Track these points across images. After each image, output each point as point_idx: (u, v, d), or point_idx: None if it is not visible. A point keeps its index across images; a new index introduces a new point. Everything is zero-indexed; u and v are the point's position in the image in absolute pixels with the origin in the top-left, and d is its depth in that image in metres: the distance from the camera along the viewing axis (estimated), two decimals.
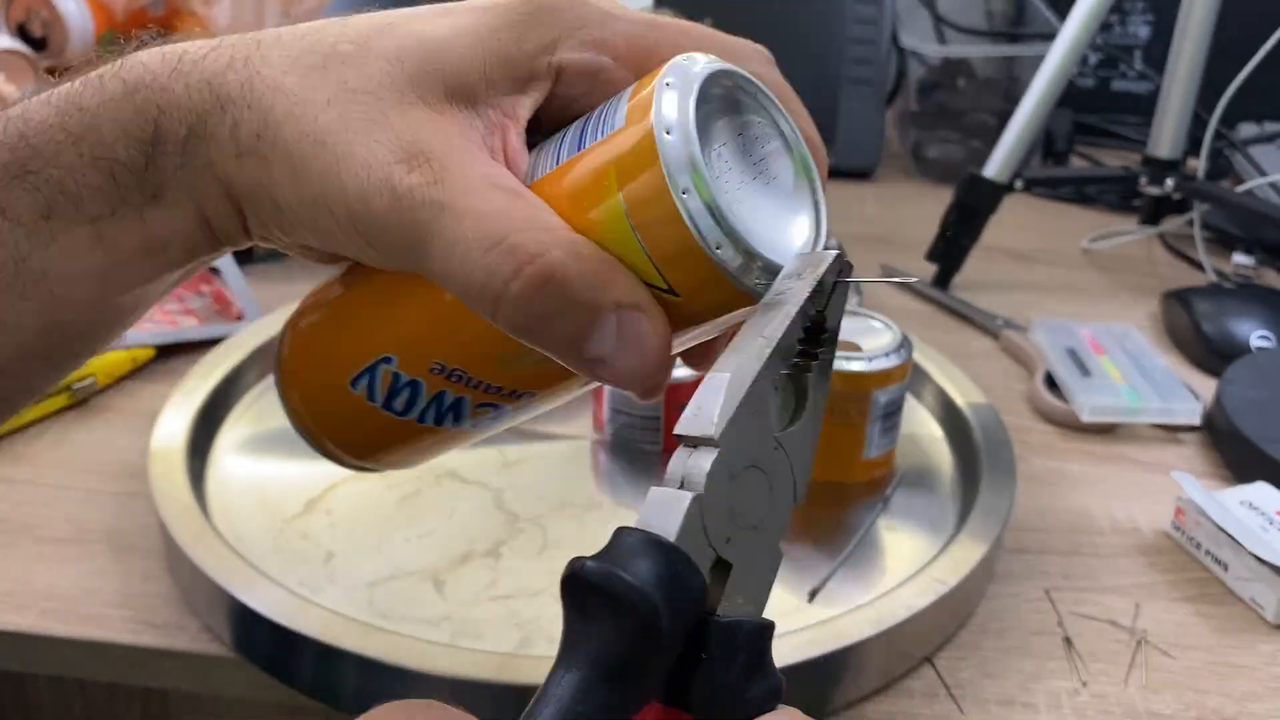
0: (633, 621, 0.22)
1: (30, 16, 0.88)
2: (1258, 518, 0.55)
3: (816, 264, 0.26)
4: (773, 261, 0.27)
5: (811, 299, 0.26)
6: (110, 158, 0.29)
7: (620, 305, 0.27)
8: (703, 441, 0.24)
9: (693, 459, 0.24)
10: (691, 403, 0.24)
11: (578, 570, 0.22)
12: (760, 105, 0.29)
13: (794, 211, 0.29)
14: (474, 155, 0.28)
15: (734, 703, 0.23)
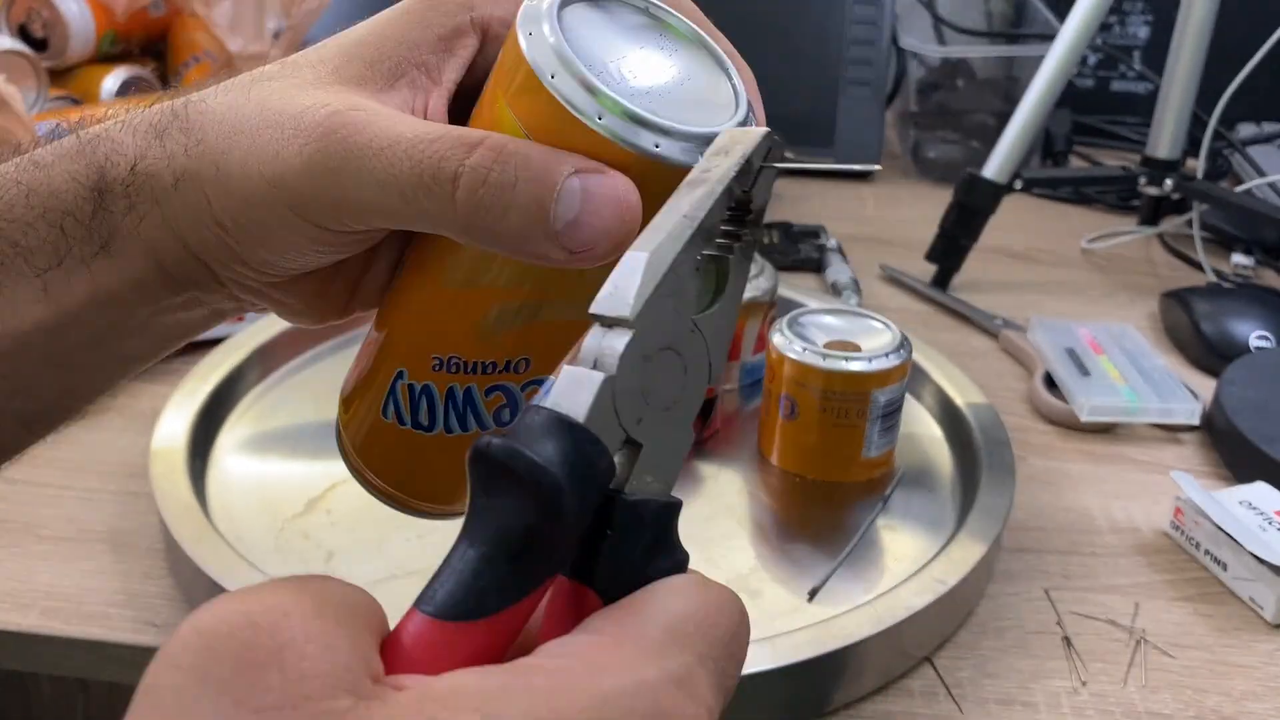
0: (536, 499, 0.21)
1: (31, 17, 0.88)
2: (1256, 517, 0.55)
3: (744, 141, 0.25)
4: (660, 122, 0.26)
5: (737, 178, 0.25)
6: (60, 209, 0.30)
7: (579, 169, 0.26)
8: (617, 322, 0.23)
9: (607, 339, 0.23)
10: (609, 281, 0.23)
11: (483, 448, 0.22)
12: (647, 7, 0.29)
13: (705, 89, 0.29)
14: (390, 110, 0.28)
15: (637, 578, 0.23)
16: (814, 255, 0.86)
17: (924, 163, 1.05)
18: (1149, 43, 1.14)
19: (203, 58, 0.92)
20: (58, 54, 0.88)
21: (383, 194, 0.27)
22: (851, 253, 0.87)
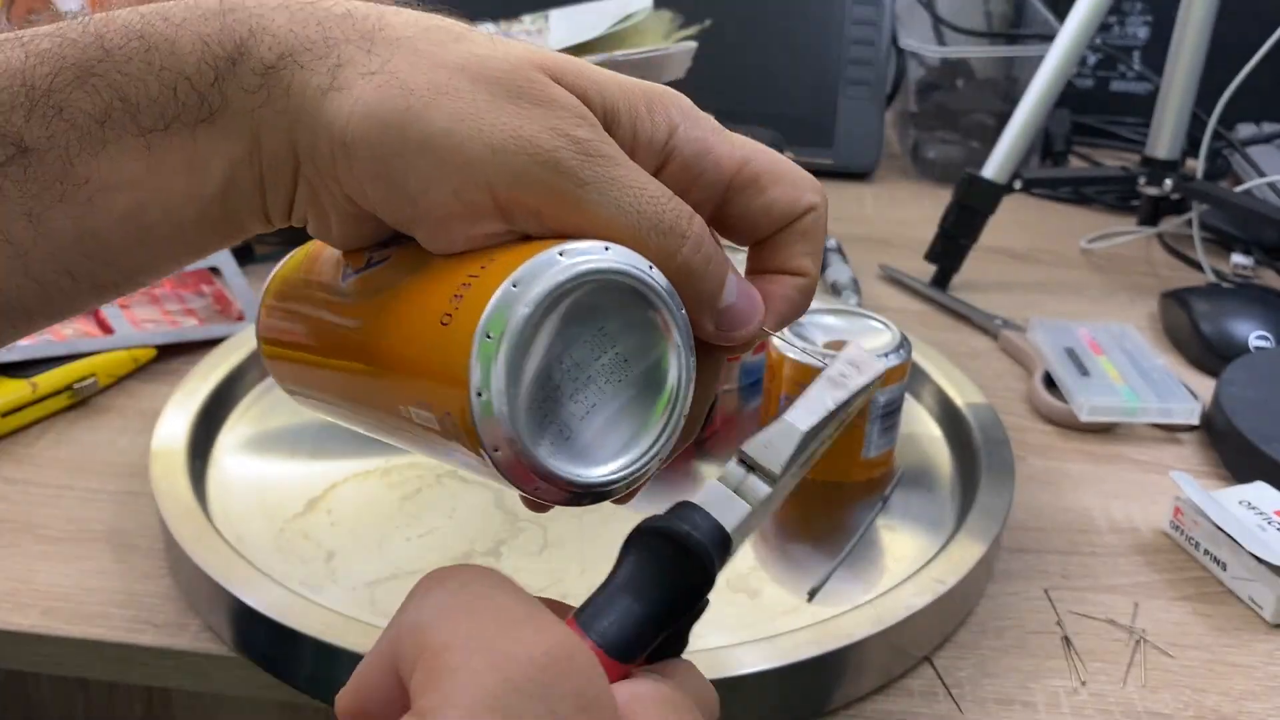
0: (700, 583, 0.29)
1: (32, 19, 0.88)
2: (1256, 517, 0.55)
3: (870, 365, 0.33)
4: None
5: (863, 391, 0.32)
6: (178, 70, 0.29)
7: (735, 273, 0.31)
8: (764, 474, 0.30)
9: (750, 480, 0.30)
10: (765, 433, 0.30)
11: (662, 523, 0.29)
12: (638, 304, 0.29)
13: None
14: (623, 153, 0.30)
15: (665, 651, 0.30)
16: None
17: (923, 163, 1.06)
18: (1148, 43, 1.14)
19: None
20: None
21: (613, 217, 0.29)
22: (851, 253, 0.87)
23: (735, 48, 1.02)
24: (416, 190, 0.29)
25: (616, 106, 0.30)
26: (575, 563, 0.51)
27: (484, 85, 0.29)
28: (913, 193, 1.02)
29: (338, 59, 0.29)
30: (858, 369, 0.33)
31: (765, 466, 0.30)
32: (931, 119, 1.06)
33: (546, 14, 0.94)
